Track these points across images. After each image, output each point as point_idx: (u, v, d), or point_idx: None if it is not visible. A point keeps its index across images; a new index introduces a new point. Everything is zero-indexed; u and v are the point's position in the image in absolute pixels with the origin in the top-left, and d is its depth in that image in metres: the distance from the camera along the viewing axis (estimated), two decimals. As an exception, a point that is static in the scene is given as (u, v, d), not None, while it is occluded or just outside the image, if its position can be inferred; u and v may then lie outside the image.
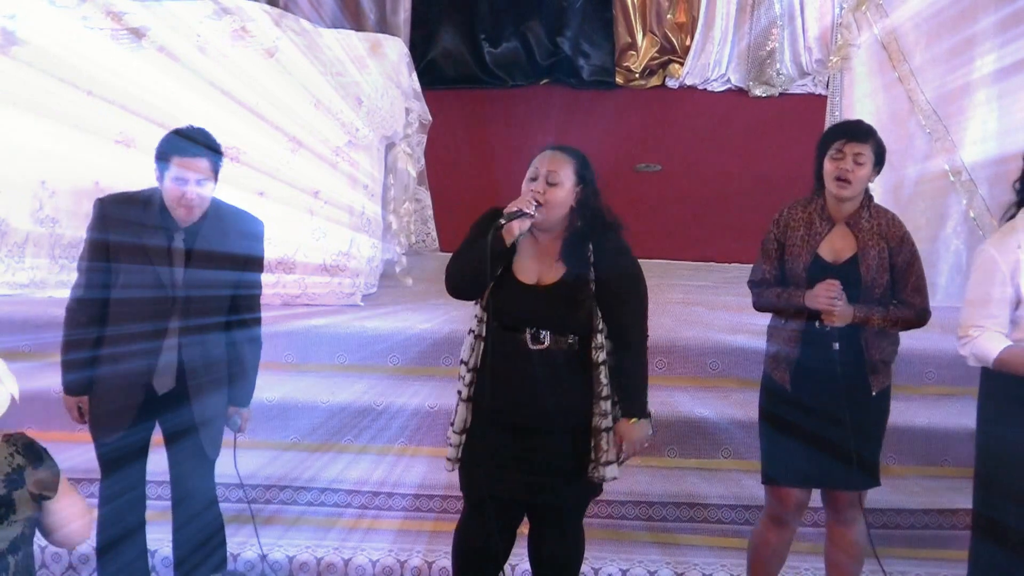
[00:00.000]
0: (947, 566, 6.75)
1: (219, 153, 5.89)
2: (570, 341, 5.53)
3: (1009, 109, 8.03)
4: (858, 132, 5.90)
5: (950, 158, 8.05)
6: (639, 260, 8.93)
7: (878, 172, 5.96)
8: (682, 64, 12.60)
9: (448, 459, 5.69)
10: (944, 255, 8.16)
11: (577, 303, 5.51)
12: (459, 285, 5.58)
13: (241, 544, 6.78)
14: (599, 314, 5.53)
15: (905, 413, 7.30)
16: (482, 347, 5.57)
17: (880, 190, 8.10)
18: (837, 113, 8.37)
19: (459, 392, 5.64)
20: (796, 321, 5.85)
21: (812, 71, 12.17)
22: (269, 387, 7.36)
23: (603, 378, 5.54)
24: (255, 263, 6.04)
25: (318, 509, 7.11)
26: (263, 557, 6.74)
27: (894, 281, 5.86)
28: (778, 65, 12.21)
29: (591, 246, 5.57)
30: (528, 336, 5.50)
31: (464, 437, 5.63)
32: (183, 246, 5.84)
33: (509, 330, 5.51)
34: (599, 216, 5.62)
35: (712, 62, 12.45)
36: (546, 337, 5.51)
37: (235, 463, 6.19)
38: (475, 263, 5.46)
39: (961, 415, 7.30)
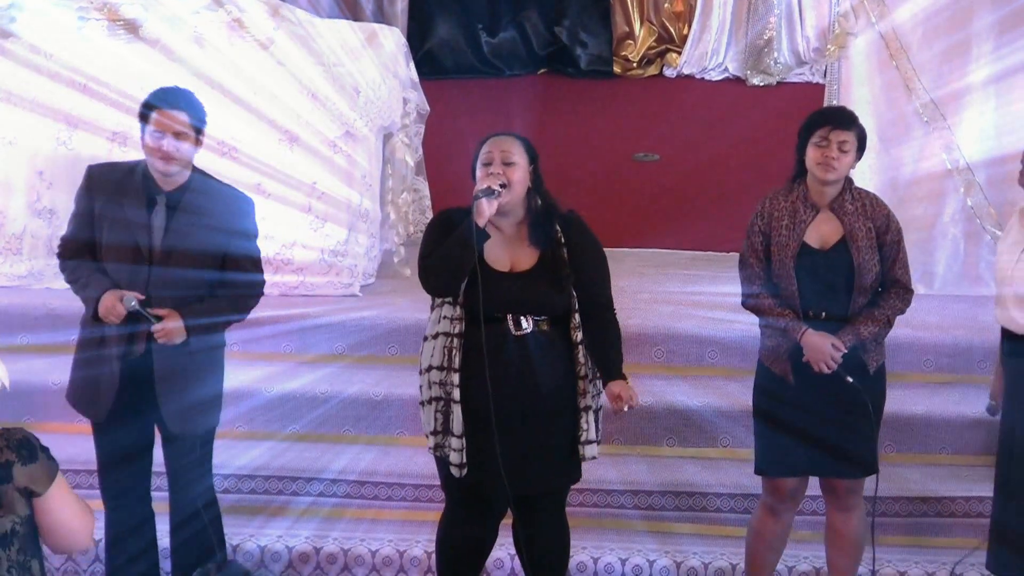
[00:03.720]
0: (945, 554, 6.76)
1: (201, 112, 5.88)
2: (550, 323, 5.56)
3: (1007, 98, 8.03)
4: (843, 119, 5.90)
5: (947, 146, 8.05)
6: (638, 250, 9.04)
7: (860, 158, 5.98)
8: (680, 53, 12.59)
9: (455, 465, 5.58)
10: (941, 244, 8.16)
11: (558, 283, 5.55)
12: (441, 281, 5.55)
13: (241, 536, 6.79)
14: (574, 292, 5.58)
15: (903, 401, 7.31)
16: (461, 344, 5.54)
17: (877, 178, 8.13)
18: (835, 101, 8.36)
19: (440, 396, 5.58)
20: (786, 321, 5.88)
21: (810, 60, 12.16)
22: (267, 378, 7.38)
23: (581, 357, 5.58)
24: (244, 236, 5.99)
25: (319, 500, 7.10)
26: (262, 549, 6.76)
27: (882, 260, 5.87)
28: (775, 54, 12.19)
29: (558, 225, 5.62)
30: (510, 323, 5.51)
31: (464, 440, 5.59)
32: (164, 212, 5.82)
33: (488, 322, 5.50)
34: (550, 195, 5.69)
35: (710, 51, 12.44)
36: (528, 322, 5.52)
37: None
38: (454, 254, 5.47)
39: (959, 403, 7.32)
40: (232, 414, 6.74)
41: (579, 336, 5.58)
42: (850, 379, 5.78)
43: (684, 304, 7.86)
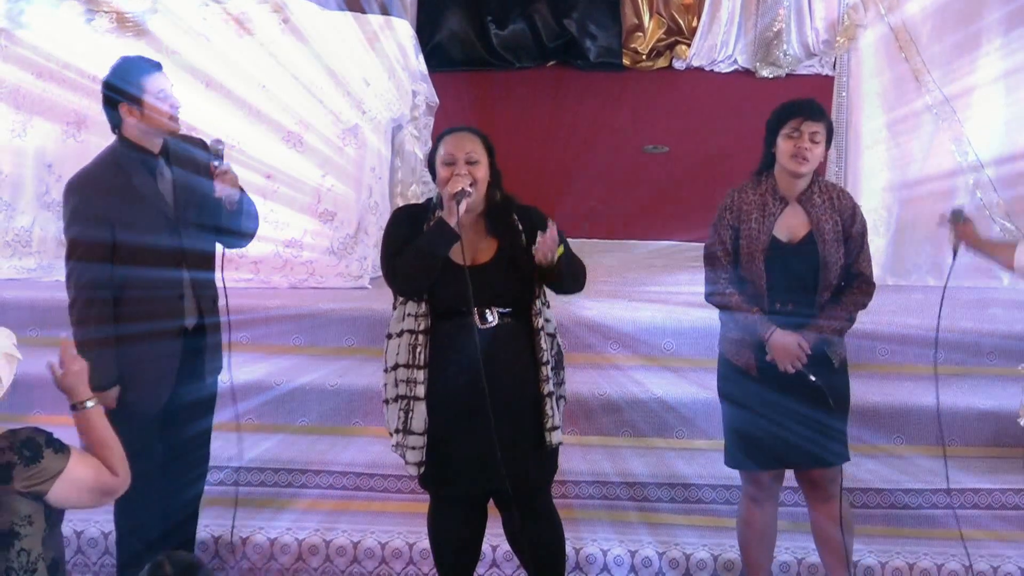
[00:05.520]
0: (954, 546, 6.75)
1: None
2: (514, 313, 5.60)
3: (1017, 94, 8.02)
4: (813, 111, 5.87)
5: (957, 140, 8.03)
6: (648, 243, 9.04)
7: (827, 149, 5.99)
8: (689, 45, 12.57)
9: (412, 463, 5.66)
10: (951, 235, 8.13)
11: (517, 272, 5.58)
12: (413, 283, 5.57)
13: (250, 528, 6.81)
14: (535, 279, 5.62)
15: (912, 393, 7.31)
16: (428, 341, 5.57)
17: (887, 171, 8.13)
18: (844, 94, 8.35)
19: (405, 395, 5.61)
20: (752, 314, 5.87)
21: (819, 52, 12.13)
22: (277, 372, 7.39)
23: (543, 343, 5.62)
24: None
25: (327, 492, 7.12)
26: (272, 541, 6.78)
27: (847, 253, 5.86)
28: (785, 46, 12.18)
29: (515, 215, 5.65)
30: (476, 316, 5.53)
31: (426, 437, 5.63)
32: (167, 171, 5.92)
33: (454, 316, 5.54)
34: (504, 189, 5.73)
35: (719, 43, 12.42)
36: (492, 315, 5.55)
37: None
38: (427, 257, 5.51)
39: (968, 396, 7.31)
40: (242, 407, 6.75)
41: (540, 323, 5.63)
42: (813, 378, 5.78)
43: (694, 298, 7.84)
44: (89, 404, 4.47)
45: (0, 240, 8.26)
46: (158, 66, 5.94)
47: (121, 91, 5.83)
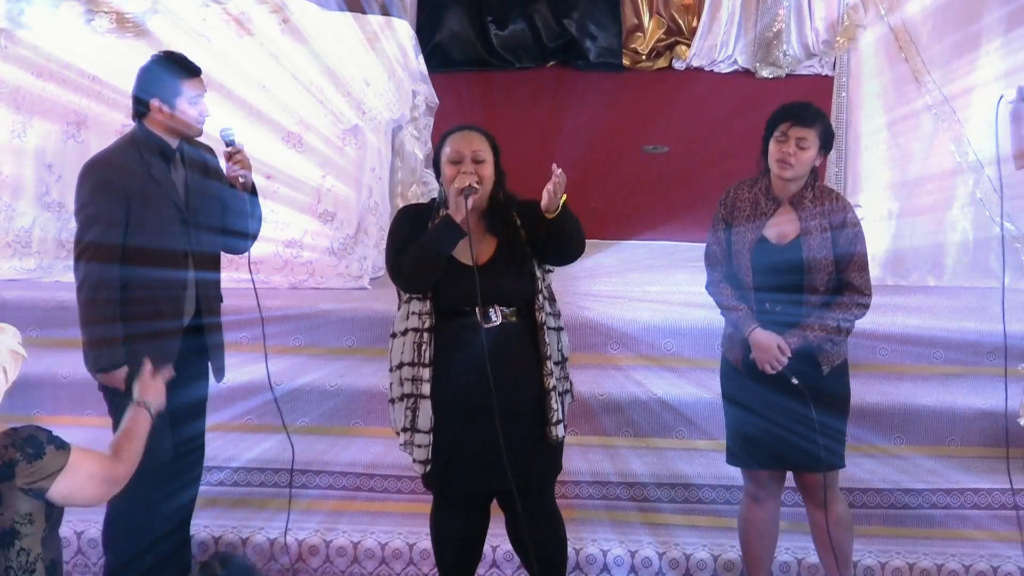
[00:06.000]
0: (954, 546, 6.76)
1: None
2: (516, 311, 5.61)
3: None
4: (804, 116, 5.83)
5: (957, 140, 8.03)
6: (648, 243, 9.03)
7: (825, 155, 5.96)
8: (689, 46, 12.59)
9: (418, 461, 5.67)
10: (951, 236, 8.15)
11: (517, 268, 5.59)
12: (416, 280, 5.58)
13: (251, 529, 6.81)
14: (537, 274, 5.64)
15: (912, 393, 7.32)
16: (432, 339, 5.58)
17: (887, 171, 8.13)
18: (844, 94, 8.36)
19: (411, 393, 5.61)
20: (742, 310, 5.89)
21: (819, 52, 12.14)
22: (276, 371, 7.38)
23: (547, 338, 5.63)
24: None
25: (327, 492, 7.12)
26: (271, 541, 6.77)
27: (837, 261, 5.85)
28: (785, 46, 12.18)
29: (515, 212, 5.66)
30: (479, 316, 5.54)
31: (431, 435, 5.64)
32: (180, 164, 5.97)
33: (458, 315, 5.56)
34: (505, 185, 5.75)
35: (719, 43, 12.43)
36: (496, 314, 5.56)
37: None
38: (429, 252, 5.52)
39: (968, 395, 7.31)
40: (242, 408, 6.75)
41: (542, 318, 5.64)
42: (795, 380, 5.78)
43: (694, 297, 7.84)
44: (151, 409, 4.67)
45: (0, 241, 8.27)
46: (198, 71, 5.96)
47: (159, 86, 5.89)
